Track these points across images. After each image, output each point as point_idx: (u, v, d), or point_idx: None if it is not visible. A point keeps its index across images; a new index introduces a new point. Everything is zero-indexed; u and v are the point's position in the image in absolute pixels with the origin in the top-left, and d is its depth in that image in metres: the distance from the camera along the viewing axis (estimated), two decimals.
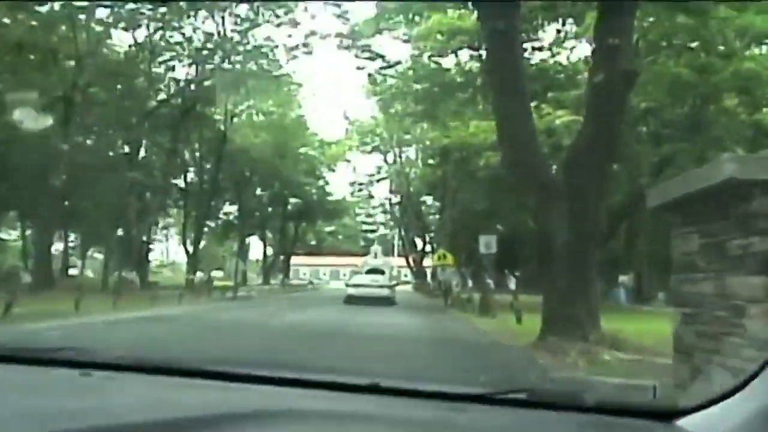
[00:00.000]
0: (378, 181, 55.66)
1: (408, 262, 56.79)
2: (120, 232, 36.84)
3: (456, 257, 31.73)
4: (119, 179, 28.94)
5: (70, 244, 59.12)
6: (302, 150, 51.86)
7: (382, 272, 65.98)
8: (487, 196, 29.62)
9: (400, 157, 52.19)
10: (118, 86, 29.33)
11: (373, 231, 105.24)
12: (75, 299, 17.68)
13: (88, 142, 31.79)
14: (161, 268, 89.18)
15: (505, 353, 11.42)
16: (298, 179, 49.78)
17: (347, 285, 31.38)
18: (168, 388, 1.52)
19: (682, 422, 1.29)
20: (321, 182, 55.90)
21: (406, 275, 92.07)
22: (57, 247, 62.05)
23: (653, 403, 1.44)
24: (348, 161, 55.40)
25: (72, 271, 57.11)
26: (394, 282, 34.48)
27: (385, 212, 57.05)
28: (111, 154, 33.43)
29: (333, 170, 55.15)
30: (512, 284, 25.87)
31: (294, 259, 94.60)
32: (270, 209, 55.88)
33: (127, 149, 33.17)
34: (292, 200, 59.17)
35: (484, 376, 3.44)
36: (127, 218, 30.91)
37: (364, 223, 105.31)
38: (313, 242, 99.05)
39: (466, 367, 8.46)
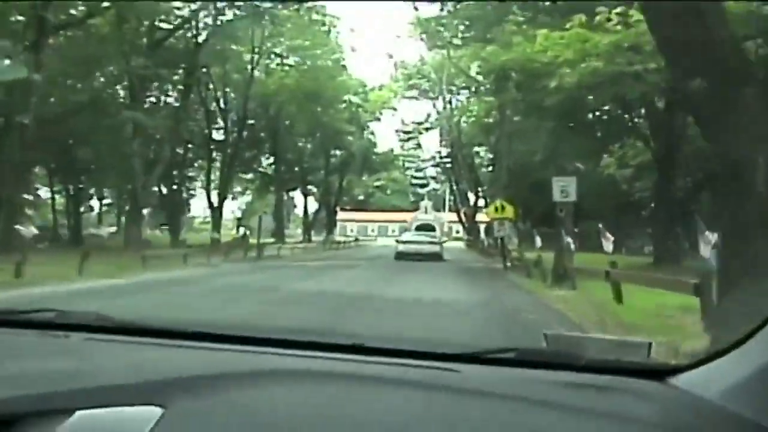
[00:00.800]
0: (426, 130, 50.08)
1: (460, 218, 51.98)
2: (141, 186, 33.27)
3: (516, 209, 26.63)
4: (118, 121, 25.04)
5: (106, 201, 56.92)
6: (342, 96, 47.05)
7: (432, 228, 60.73)
8: (555, 134, 24.26)
9: (450, 103, 46.60)
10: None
11: (423, 185, 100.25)
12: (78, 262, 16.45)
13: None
14: (205, 226, 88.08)
15: None
16: (340, 127, 45.12)
17: (397, 242, 31.47)
18: (149, 351, 1.49)
19: (676, 381, 1.31)
20: (365, 132, 51.07)
21: (458, 231, 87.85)
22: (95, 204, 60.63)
23: (646, 361, 1.43)
24: (394, 109, 50.22)
25: (110, 230, 55.36)
26: (444, 239, 34.92)
27: (435, 165, 50.94)
28: (109, 92, 29.49)
29: (378, 119, 50.22)
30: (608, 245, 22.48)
31: (340, 215, 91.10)
32: (311, 161, 51.60)
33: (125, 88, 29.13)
34: (336, 152, 54.90)
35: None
36: (131, 168, 27.07)
37: (414, 177, 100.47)
38: (361, 197, 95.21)
39: None
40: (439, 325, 8.51)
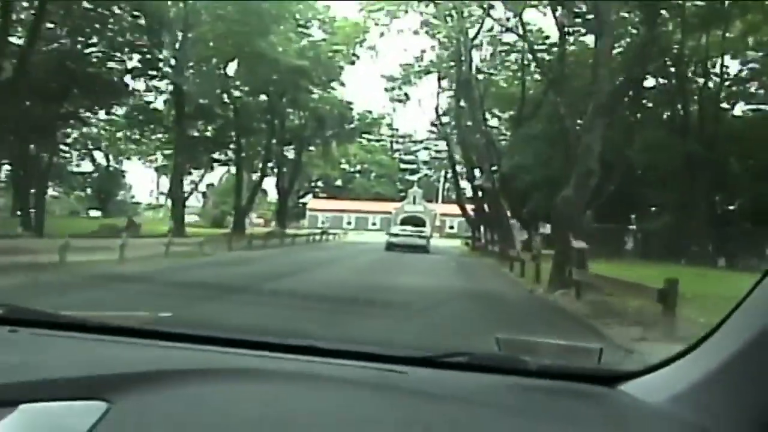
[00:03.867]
0: (426, 74, 34.42)
1: (462, 210, 36.80)
2: None
3: None
4: None
5: None
6: (292, 20, 32.35)
7: (421, 222, 55.47)
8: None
9: (471, 50, 31.25)
10: None
11: (413, 171, 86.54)
12: None
13: None
14: (150, 210, 73.63)
15: None
16: (288, 64, 30.46)
17: (388, 234, 32.28)
18: (97, 347, 1.48)
19: (626, 387, 1.31)
20: (333, 83, 36.55)
21: (452, 227, 74.47)
22: None
23: (598, 367, 1.44)
24: (372, 50, 35.12)
25: None
26: (431, 234, 34.47)
27: (433, 126, 35.36)
28: None
29: (352, 62, 35.38)
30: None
31: (311, 203, 77.45)
32: (249, 122, 36.82)
33: None
34: (299, 115, 40.39)
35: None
36: None
37: (402, 161, 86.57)
38: (338, 182, 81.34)
39: None
40: None
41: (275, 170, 41.92)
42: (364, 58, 36.48)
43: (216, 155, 39.43)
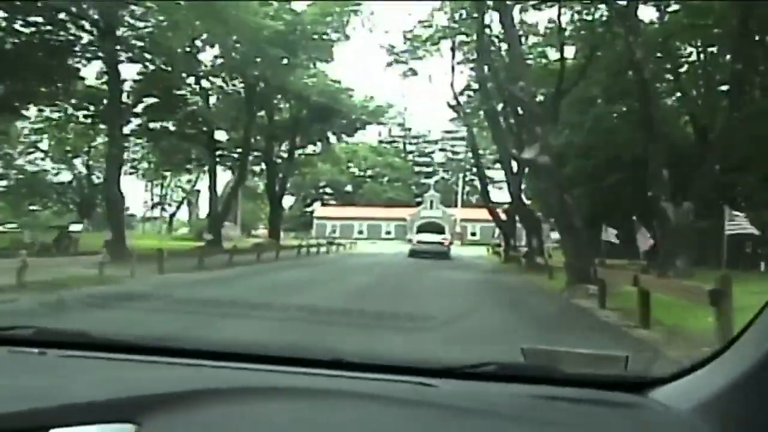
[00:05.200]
0: (436, 43, 27.08)
1: (493, 215, 29.28)
2: None
3: None
4: None
5: None
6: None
7: (440, 229, 52.20)
8: None
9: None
10: None
11: (429, 174, 79.66)
12: None
13: None
14: (146, 222, 67.82)
15: None
16: (269, 54, 24.17)
17: (411, 242, 32.61)
18: (124, 367, 1.49)
19: (653, 394, 1.30)
20: (321, 61, 30.02)
21: (473, 233, 67.66)
22: None
23: (624, 375, 1.42)
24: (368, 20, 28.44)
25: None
26: (447, 241, 32.77)
27: (450, 108, 27.59)
28: None
29: (347, 36, 28.79)
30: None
31: (318, 211, 71.10)
32: (225, 113, 30.40)
33: None
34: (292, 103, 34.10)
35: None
36: None
37: (417, 163, 79.76)
38: (348, 188, 74.88)
39: None
40: None
41: (264, 171, 35.49)
42: (361, 32, 29.76)
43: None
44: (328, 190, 74.40)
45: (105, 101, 27.48)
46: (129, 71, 29.01)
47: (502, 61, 25.20)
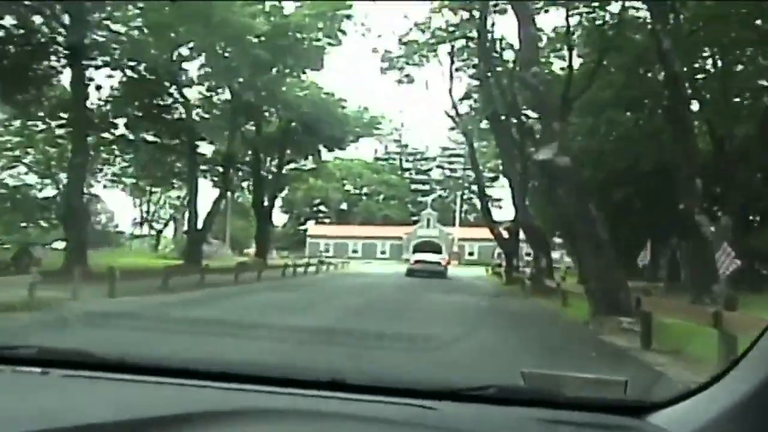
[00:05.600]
0: (434, 49, 25.01)
1: (494, 233, 27.48)
2: None
3: None
4: None
5: None
6: None
7: (438, 249, 49.79)
8: None
9: None
10: None
11: (426, 192, 77.64)
12: None
13: None
14: (135, 240, 65.53)
15: None
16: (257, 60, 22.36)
17: (408, 262, 33.23)
18: (128, 388, 1.49)
19: (652, 418, 1.30)
20: (309, 68, 28.15)
21: (471, 253, 65.60)
22: None
23: (624, 398, 1.43)
24: (362, 26, 26.73)
25: None
26: (445, 261, 34.05)
27: (449, 117, 25.48)
28: None
29: (340, 38, 26.91)
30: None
31: (312, 229, 68.97)
32: (214, 125, 28.48)
33: None
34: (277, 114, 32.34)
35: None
36: None
37: (413, 181, 77.72)
38: (343, 206, 72.81)
39: None
40: None
41: (252, 187, 33.51)
42: (354, 38, 28.06)
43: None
44: (322, 208, 72.41)
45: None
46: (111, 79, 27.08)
47: (505, 68, 23.44)
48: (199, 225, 27.90)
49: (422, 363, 5.38)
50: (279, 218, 77.37)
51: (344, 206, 70.99)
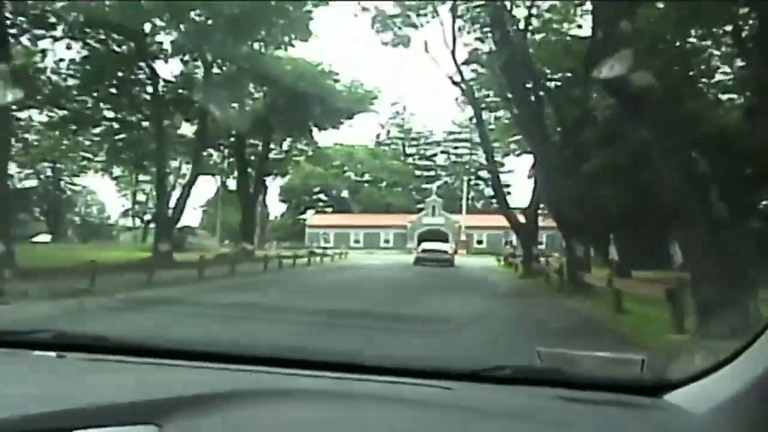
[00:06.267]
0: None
1: (510, 220, 23.63)
2: None
3: None
4: None
5: None
6: None
7: (444, 237, 49.19)
8: None
9: None
10: None
11: (431, 178, 73.94)
12: None
13: None
14: (127, 233, 62.41)
15: None
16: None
17: (415, 251, 34.25)
18: (145, 370, 1.49)
19: (669, 396, 1.29)
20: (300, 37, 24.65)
21: (480, 242, 62.09)
22: None
23: (641, 377, 1.42)
24: None
25: None
26: (452, 249, 35.12)
27: (455, 84, 21.93)
28: None
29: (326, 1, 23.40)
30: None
31: (311, 219, 65.41)
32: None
33: None
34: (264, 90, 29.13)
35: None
36: None
37: (417, 167, 73.94)
38: (344, 194, 69.28)
39: None
40: None
41: (237, 170, 30.14)
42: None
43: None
44: (323, 196, 69.04)
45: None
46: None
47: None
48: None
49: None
50: (278, 208, 74.32)
51: (345, 194, 67.60)
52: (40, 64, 24.58)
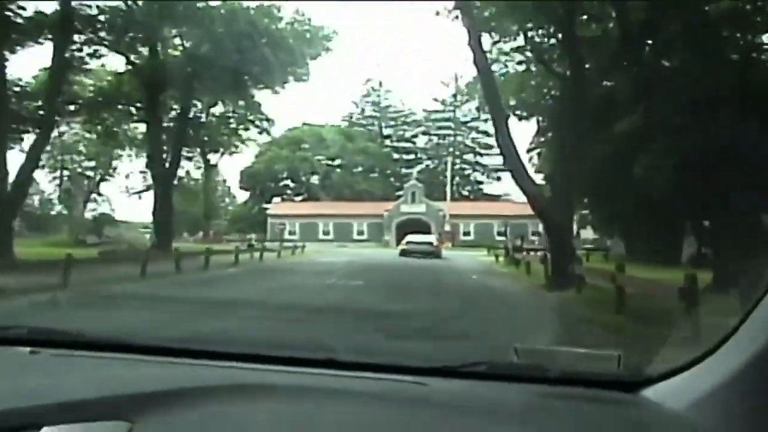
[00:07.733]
0: None
1: (535, 202, 15.35)
2: None
3: None
4: None
5: None
6: None
7: (426, 228, 45.68)
8: None
9: None
10: None
11: (410, 162, 66.24)
12: None
13: None
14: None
15: None
16: None
17: (402, 243, 34.00)
18: (117, 366, 1.49)
19: (646, 392, 1.30)
20: None
21: (467, 232, 54.93)
22: None
23: (617, 373, 1.43)
24: None
25: None
26: (436, 243, 33.49)
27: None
28: None
29: None
30: None
31: (273, 208, 57.48)
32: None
33: None
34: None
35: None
36: None
37: (396, 149, 66.02)
38: (314, 179, 61.42)
39: None
40: None
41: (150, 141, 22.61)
42: None
43: None
44: (290, 183, 61.58)
45: None
46: None
47: None
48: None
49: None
50: (240, 195, 66.41)
51: (315, 180, 60.20)
52: None
